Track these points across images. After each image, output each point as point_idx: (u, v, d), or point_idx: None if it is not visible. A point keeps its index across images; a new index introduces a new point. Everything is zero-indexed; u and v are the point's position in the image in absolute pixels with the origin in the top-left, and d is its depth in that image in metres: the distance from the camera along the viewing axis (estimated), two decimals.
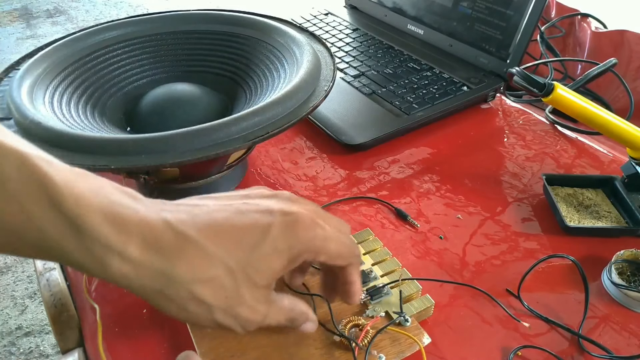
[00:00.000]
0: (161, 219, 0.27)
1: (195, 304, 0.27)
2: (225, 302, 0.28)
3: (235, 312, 0.29)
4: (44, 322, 1.34)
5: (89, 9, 3.28)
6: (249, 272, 0.28)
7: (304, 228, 0.30)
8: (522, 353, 0.39)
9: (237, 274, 0.28)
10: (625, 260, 0.45)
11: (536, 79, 0.49)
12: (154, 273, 0.26)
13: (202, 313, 0.28)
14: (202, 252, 0.27)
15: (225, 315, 0.28)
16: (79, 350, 0.42)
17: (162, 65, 0.60)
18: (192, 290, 0.27)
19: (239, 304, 0.28)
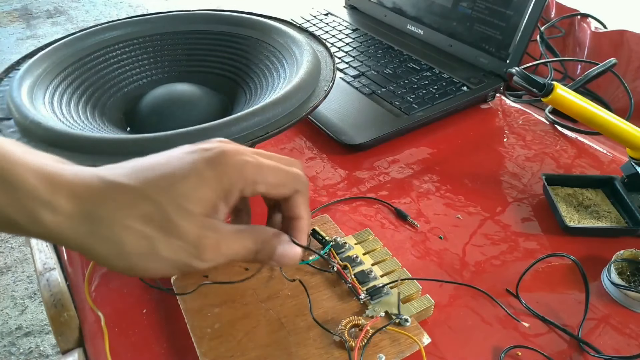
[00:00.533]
0: (90, 172, 0.28)
1: (133, 240, 0.27)
2: (161, 231, 0.27)
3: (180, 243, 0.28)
4: (44, 322, 1.34)
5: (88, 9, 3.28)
6: (179, 201, 0.28)
7: (230, 156, 0.29)
8: (521, 353, 0.39)
9: (166, 204, 0.27)
10: (625, 260, 0.45)
11: (536, 79, 0.49)
12: (85, 218, 0.26)
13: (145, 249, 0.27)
14: (129, 190, 0.27)
15: (171, 247, 0.28)
16: (78, 350, 0.42)
17: (162, 66, 0.60)
18: (125, 223, 0.27)
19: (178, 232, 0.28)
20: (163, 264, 0.28)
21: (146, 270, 0.28)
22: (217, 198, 0.29)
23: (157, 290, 0.44)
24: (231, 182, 0.29)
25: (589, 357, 0.39)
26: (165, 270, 0.28)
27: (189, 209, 0.28)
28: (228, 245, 0.29)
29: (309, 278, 0.43)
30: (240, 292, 0.42)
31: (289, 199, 0.32)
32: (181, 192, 0.28)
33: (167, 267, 0.28)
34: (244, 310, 0.40)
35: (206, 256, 0.28)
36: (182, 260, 0.28)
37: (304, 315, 0.40)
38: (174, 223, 0.27)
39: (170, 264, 0.28)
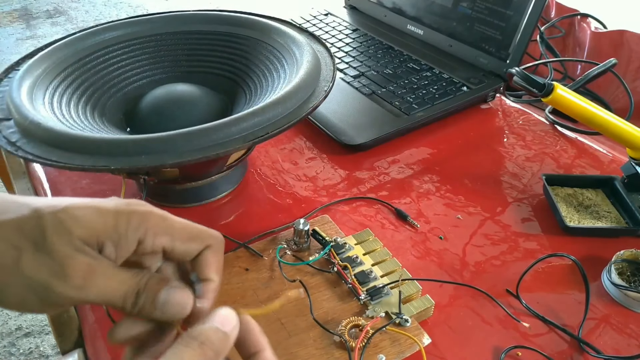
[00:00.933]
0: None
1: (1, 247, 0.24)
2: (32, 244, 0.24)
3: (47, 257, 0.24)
4: (43, 323, 1.34)
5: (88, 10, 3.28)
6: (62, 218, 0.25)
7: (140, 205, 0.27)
8: (522, 353, 0.39)
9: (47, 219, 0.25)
10: (625, 260, 0.45)
11: (536, 79, 0.49)
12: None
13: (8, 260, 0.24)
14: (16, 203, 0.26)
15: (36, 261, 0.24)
16: (78, 351, 0.42)
17: (162, 66, 0.60)
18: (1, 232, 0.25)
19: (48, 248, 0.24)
20: (21, 282, 0.24)
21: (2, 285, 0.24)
22: (106, 234, 0.26)
23: None
24: (128, 226, 0.26)
25: (589, 357, 0.39)
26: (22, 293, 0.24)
27: (69, 228, 0.25)
28: (103, 275, 0.25)
29: (309, 278, 0.43)
30: (241, 293, 0.42)
31: (199, 258, 0.28)
32: (69, 212, 0.25)
33: (24, 288, 0.24)
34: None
35: (73, 280, 0.24)
36: (42, 281, 0.24)
37: (304, 316, 0.40)
38: (46, 237, 0.24)
39: (29, 285, 0.24)
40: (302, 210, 0.52)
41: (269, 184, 0.56)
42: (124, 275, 0.26)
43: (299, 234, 0.45)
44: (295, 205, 0.53)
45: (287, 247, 0.45)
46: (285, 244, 0.46)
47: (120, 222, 0.26)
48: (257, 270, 0.44)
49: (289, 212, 0.52)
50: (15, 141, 0.42)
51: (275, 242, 0.46)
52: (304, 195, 0.55)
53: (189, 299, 0.27)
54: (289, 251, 0.45)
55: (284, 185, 0.56)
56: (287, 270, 0.43)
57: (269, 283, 0.42)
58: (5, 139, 0.43)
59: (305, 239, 0.45)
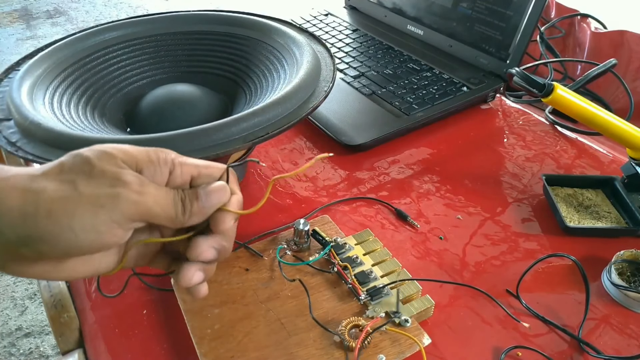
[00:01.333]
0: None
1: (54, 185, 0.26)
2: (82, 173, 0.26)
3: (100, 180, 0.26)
4: (44, 323, 1.34)
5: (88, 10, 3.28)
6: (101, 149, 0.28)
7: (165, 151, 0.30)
8: (522, 354, 0.39)
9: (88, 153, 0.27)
10: (625, 261, 0.45)
11: (536, 80, 0.49)
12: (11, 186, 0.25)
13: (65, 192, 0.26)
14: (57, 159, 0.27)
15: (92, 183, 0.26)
16: (79, 351, 0.42)
17: (162, 66, 0.60)
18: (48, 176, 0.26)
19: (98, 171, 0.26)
20: (86, 203, 0.25)
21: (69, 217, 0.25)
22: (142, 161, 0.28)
23: (157, 290, 0.44)
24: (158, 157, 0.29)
25: (589, 357, 0.39)
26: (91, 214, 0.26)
27: (112, 153, 0.27)
28: (153, 185, 0.28)
29: (309, 279, 0.43)
30: (241, 293, 0.42)
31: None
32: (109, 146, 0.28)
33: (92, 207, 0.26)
34: (244, 311, 0.40)
35: (132, 186, 0.27)
36: (106, 192, 0.26)
37: (304, 316, 0.40)
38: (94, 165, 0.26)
39: (95, 202, 0.26)
40: (302, 210, 0.53)
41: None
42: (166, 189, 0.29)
43: (299, 234, 0.45)
44: (295, 206, 0.53)
45: (287, 247, 0.45)
46: (285, 244, 0.46)
47: (152, 155, 0.29)
48: (257, 271, 0.44)
49: (289, 212, 0.52)
50: (16, 141, 0.42)
51: (276, 243, 0.46)
52: (304, 196, 0.55)
53: (224, 184, 0.31)
54: (289, 251, 0.45)
55: (284, 186, 0.56)
56: (287, 271, 0.43)
57: (269, 283, 0.42)
58: (6, 139, 0.43)
59: (306, 239, 0.45)
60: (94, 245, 0.27)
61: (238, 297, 0.41)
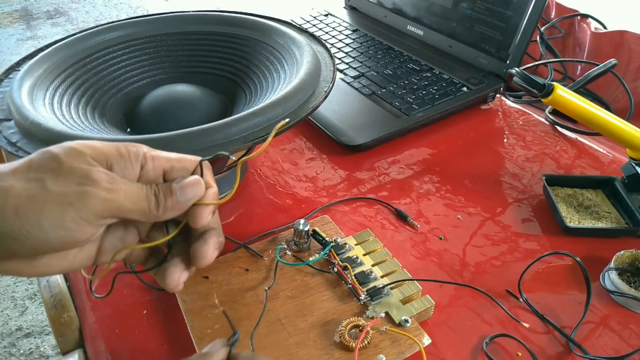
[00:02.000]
0: None
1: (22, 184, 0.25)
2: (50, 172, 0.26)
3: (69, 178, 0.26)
4: (44, 323, 1.34)
5: (89, 10, 3.28)
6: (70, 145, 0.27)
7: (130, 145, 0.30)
8: (521, 353, 0.39)
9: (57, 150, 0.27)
10: (625, 261, 0.45)
11: (536, 80, 0.49)
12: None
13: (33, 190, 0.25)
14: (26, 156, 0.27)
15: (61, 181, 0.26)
16: (79, 351, 0.42)
17: (162, 66, 0.60)
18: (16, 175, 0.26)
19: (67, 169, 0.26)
20: (54, 202, 0.25)
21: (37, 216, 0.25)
22: (112, 157, 0.28)
23: (157, 291, 0.44)
24: (128, 151, 0.29)
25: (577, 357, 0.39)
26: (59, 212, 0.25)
27: (81, 150, 0.27)
28: (123, 182, 0.28)
29: (309, 279, 0.43)
30: (241, 293, 0.42)
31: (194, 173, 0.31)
32: (78, 142, 0.28)
33: (60, 206, 0.25)
34: (245, 311, 0.40)
35: (101, 183, 0.26)
36: (74, 190, 0.26)
37: (304, 316, 0.40)
38: (63, 162, 0.26)
39: (63, 200, 0.25)
40: (302, 210, 0.53)
41: (269, 185, 0.56)
42: (139, 184, 0.29)
43: (299, 234, 0.45)
44: (296, 206, 0.53)
45: (287, 247, 0.45)
46: (285, 244, 0.46)
47: (122, 150, 0.28)
48: (257, 271, 0.44)
49: (289, 212, 0.52)
50: (16, 142, 0.42)
51: (276, 243, 0.46)
52: (304, 196, 0.55)
53: (198, 179, 0.30)
54: (289, 252, 0.45)
55: (284, 186, 0.56)
56: (288, 271, 0.43)
57: (269, 283, 0.42)
58: (6, 140, 0.43)
59: (306, 240, 0.45)
60: (65, 242, 0.27)
61: (238, 297, 0.41)
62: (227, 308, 0.40)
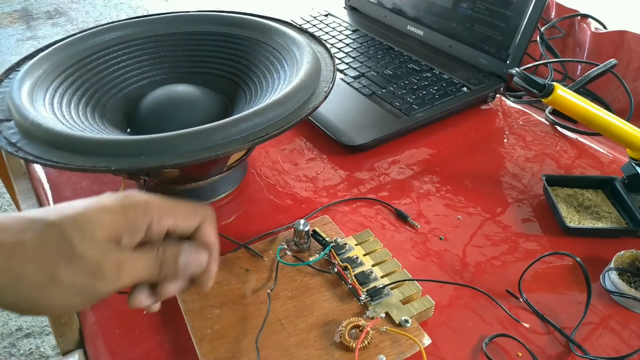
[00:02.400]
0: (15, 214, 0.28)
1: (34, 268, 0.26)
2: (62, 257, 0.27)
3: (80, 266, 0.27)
4: (44, 324, 1.34)
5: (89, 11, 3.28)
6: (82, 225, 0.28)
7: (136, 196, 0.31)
8: (521, 353, 0.39)
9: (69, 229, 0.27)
10: (625, 261, 0.45)
11: (536, 80, 0.49)
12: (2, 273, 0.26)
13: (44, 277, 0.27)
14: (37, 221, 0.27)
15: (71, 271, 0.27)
16: (79, 351, 0.42)
17: (162, 67, 0.60)
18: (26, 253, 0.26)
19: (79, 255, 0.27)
20: (64, 291, 0.27)
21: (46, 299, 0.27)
22: (122, 229, 0.29)
23: None
24: (137, 217, 0.30)
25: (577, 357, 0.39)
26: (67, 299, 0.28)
27: (92, 232, 0.28)
28: (131, 263, 0.29)
29: (309, 279, 0.43)
30: (241, 293, 0.42)
31: (198, 230, 0.33)
32: (86, 217, 0.28)
33: (69, 294, 0.27)
34: (245, 311, 0.40)
35: (109, 276, 0.28)
36: (84, 284, 0.27)
37: (304, 317, 0.40)
38: (75, 246, 0.27)
39: (72, 291, 0.27)
40: (303, 210, 0.53)
41: (269, 185, 0.56)
42: (145, 255, 0.30)
43: (299, 234, 0.45)
44: (296, 206, 0.53)
45: (288, 247, 0.45)
46: (285, 244, 0.46)
47: (130, 216, 0.30)
48: (257, 271, 0.44)
49: (289, 212, 0.52)
50: (16, 142, 0.42)
51: (276, 243, 0.46)
52: (304, 196, 0.55)
53: (205, 257, 0.32)
54: (289, 252, 0.45)
55: (284, 186, 0.56)
56: (288, 271, 0.43)
57: (269, 284, 0.42)
58: (6, 140, 0.43)
59: (306, 240, 0.45)
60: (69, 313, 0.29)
61: (238, 297, 0.41)
62: (227, 309, 0.40)
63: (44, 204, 0.55)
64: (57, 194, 0.56)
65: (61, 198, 0.55)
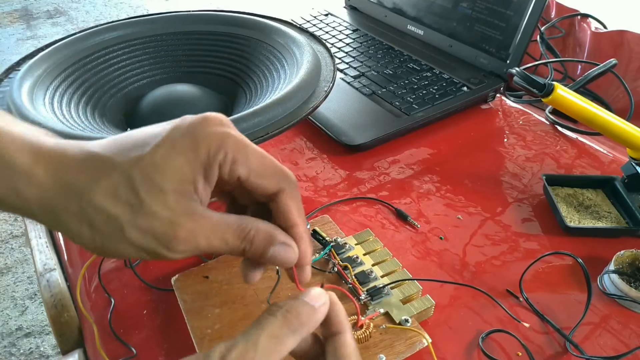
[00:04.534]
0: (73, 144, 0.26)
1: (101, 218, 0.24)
2: (131, 212, 0.24)
3: (149, 227, 0.24)
4: (44, 323, 1.34)
5: (89, 10, 3.28)
6: (149, 174, 0.24)
7: (211, 125, 0.25)
8: (521, 353, 0.39)
9: (136, 178, 0.24)
10: (625, 261, 0.45)
11: (536, 80, 0.49)
12: (59, 191, 0.24)
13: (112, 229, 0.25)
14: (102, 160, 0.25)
15: (140, 233, 0.24)
16: (79, 351, 0.42)
17: (162, 66, 0.60)
18: (94, 200, 0.24)
19: (148, 215, 0.24)
20: (131, 248, 0.25)
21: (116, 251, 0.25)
22: (194, 171, 0.25)
23: (157, 290, 0.44)
24: (209, 153, 0.25)
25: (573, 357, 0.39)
26: (135, 254, 0.25)
27: (161, 185, 0.24)
28: (206, 237, 0.25)
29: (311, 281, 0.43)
30: (241, 293, 0.42)
31: (276, 201, 0.27)
32: (152, 162, 0.24)
33: (136, 251, 0.25)
34: (245, 311, 0.40)
35: (177, 248, 0.25)
36: (150, 248, 0.25)
37: None
38: (144, 202, 0.24)
39: (138, 249, 0.25)
40: None
41: None
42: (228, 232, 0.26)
43: None
44: None
45: None
46: None
47: (201, 151, 0.25)
48: None
49: None
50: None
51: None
52: (304, 196, 0.55)
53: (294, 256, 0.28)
54: None
55: None
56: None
57: (268, 283, 0.42)
58: None
59: None
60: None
61: (238, 297, 0.41)
62: (227, 308, 0.40)
63: None
64: None
65: None
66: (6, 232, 1.61)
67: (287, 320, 0.25)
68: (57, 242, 0.51)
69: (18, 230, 1.62)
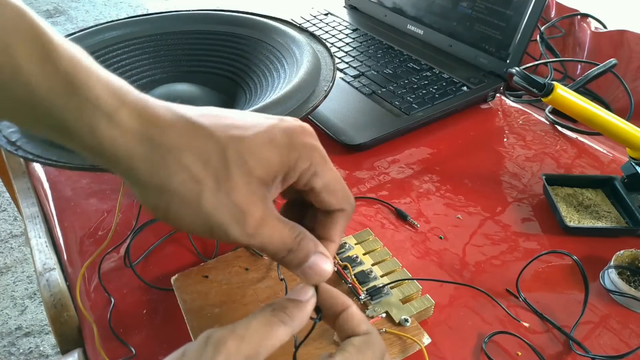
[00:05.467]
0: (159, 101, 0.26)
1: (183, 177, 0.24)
2: (215, 181, 0.25)
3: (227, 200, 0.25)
4: (43, 323, 1.34)
5: (88, 9, 3.28)
6: (243, 154, 0.25)
7: (307, 135, 0.27)
8: (521, 353, 0.39)
9: (230, 152, 0.25)
10: (625, 260, 0.45)
11: (536, 79, 0.49)
12: (143, 139, 0.24)
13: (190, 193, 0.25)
14: (197, 127, 0.25)
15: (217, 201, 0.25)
16: (78, 350, 0.42)
17: (162, 66, 0.60)
18: (183, 158, 0.24)
19: (230, 187, 0.25)
20: (200, 218, 0.25)
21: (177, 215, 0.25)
22: (280, 169, 0.26)
23: (157, 290, 0.44)
24: (298, 159, 0.26)
25: (577, 355, 0.39)
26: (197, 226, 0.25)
27: (251, 166, 0.25)
28: (270, 227, 0.26)
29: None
30: (241, 293, 0.42)
31: (331, 216, 0.29)
32: (249, 146, 0.25)
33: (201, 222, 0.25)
34: (244, 311, 0.40)
35: (248, 226, 0.25)
36: (219, 221, 0.25)
37: None
38: (231, 175, 0.25)
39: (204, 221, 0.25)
40: None
41: None
42: (286, 230, 0.27)
43: None
44: None
45: None
46: None
47: (292, 156, 0.26)
48: (257, 270, 0.44)
49: None
50: (15, 140, 0.42)
51: None
52: None
53: (329, 270, 0.28)
54: None
55: None
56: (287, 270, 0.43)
57: (268, 283, 0.42)
58: (5, 139, 0.43)
59: None
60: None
61: (238, 296, 0.41)
62: (227, 308, 0.40)
63: (44, 203, 0.55)
64: (57, 193, 0.56)
65: (61, 197, 0.55)
66: (6, 232, 1.61)
67: (276, 313, 0.27)
68: (57, 241, 0.51)
69: (18, 229, 1.62)
